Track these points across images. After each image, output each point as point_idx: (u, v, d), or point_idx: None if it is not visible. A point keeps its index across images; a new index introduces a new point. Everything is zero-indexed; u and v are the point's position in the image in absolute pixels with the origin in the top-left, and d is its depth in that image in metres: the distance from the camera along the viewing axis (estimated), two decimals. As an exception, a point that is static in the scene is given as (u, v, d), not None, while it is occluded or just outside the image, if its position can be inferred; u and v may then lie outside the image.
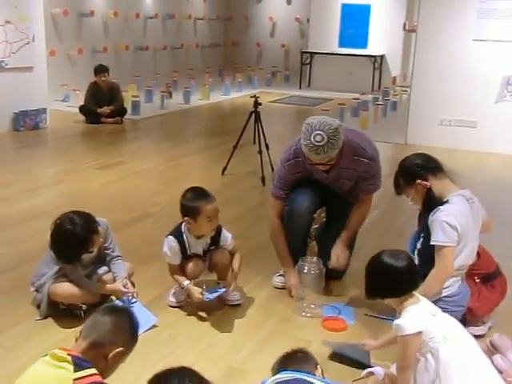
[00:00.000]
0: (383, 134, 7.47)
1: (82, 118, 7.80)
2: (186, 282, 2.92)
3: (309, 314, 3.00)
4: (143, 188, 5.08)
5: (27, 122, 7.10)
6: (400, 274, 2.11)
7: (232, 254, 3.06)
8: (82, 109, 7.79)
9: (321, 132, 2.82)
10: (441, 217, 2.57)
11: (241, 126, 5.48)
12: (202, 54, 14.29)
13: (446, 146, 6.79)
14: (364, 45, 12.04)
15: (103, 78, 7.70)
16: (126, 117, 7.98)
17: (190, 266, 3.00)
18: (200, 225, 2.91)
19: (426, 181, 2.69)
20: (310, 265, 3.02)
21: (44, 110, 7.30)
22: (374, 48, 11.96)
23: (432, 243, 2.58)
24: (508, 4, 6.58)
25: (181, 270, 3.01)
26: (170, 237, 3.00)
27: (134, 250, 3.65)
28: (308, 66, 12.51)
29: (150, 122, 8.21)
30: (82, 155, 6.24)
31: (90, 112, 7.70)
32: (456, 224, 2.55)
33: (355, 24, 11.99)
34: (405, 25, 11.78)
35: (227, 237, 3.05)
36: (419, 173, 2.71)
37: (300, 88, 12.21)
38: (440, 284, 2.60)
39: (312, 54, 12.37)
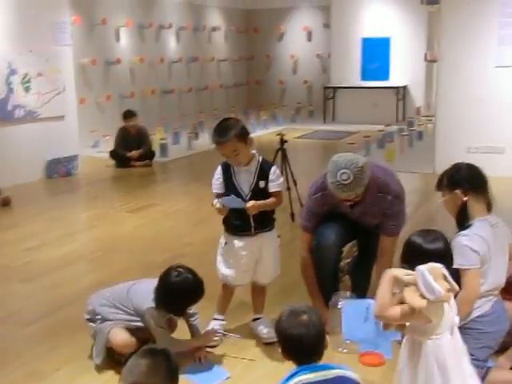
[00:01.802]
0: (410, 165, 7.47)
1: (112, 162, 7.99)
2: (215, 201, 2.94)
3: (345, 350, 2.98)
4: (175, 229, 5.16)
5: (60, 169, 7.30)
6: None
7: (272, 196, 2.98)
8: (111, 153, 7.98)
9: (347, 170, 2.84)
10: (462, 241, 2.57)
11: None
12: (226, 94, 14.55)
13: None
14: (386, 77, 12.13)
15: (131, 123, 7.91)
16: (154, 159, 8.14)
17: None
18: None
19: (466, 195, 2.68)
20: (344, 300, 3.02)
21: (75, 157, 7.51)
22: (396, 79, 12.03)
23: (455, 267, 2.56)
24: (527, 30, 6.61)
25: None
26: (219, 165, 3.02)
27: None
28: (331, 100, 12.62)
29: (178, 164, 8.36)
30: (113, 199, 6.37)
31: (119, 156, 7.89)
32: (477, 249, 2.56)
33: (376, 57, 12.11)
34: (426, 55, 11.85)
35: (278, 177, 2.99)
36: (464, 184, 2.70)
37: (324, 122, 12.31)
38: (468, 306, 2.57)
39: (335, 88, 12.50)
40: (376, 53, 12.08)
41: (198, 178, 7.28)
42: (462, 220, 2.68)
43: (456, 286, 2.02)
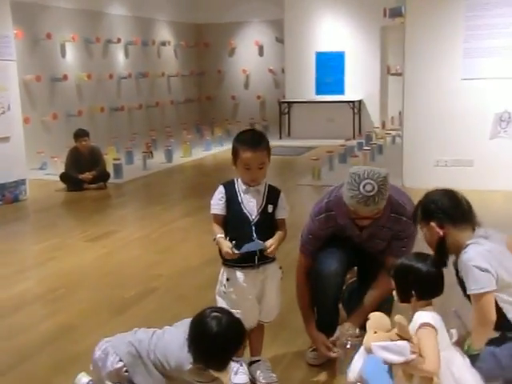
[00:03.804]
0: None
1: (62, 185, 7.45)
2: (219, 235, 2.66)
3: (355, 395, 2.65)
4: (141, 259, 4.72)
5: (6, 196, 6.70)
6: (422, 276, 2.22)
7: (279, 227, 2.74)
8: (62, 176, 7.44)
9: (371, 181, 2.55)
10: (468, 261, 2.30)
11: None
12: (177, 110, 14.14)
13: (444, 186, 6.59)
14: (341, 91, 12.02)
15: (84, 143, 7.40)
16: (108, 181, 7.65)
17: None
18: (239, 169, 2.69)
19: (441, 227, 2.38)
20: (354, 339, 2.69)
21: (23, 181, 6.93)
22: (351, 94, 11.94)
23: (468, 293, 2.31)
24: (491, 43, 6.54)
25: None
26: (221, 185, 2.77)
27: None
28: (287, 115, 12.42)
29: (134, 185, 7.89)
30: (68, 227, 5.87)
31: (71, 179, 7.35)
32: (487, 266, 2.28)
33: (331, 71, 11.99)
34: (388, 68, 11.84)
35: (286, 204, 2.76)
36: (437, 216, 2.39)
37: (280, 138, 12.07)
38: (485, 334, 2.31)
39: (290, 103, 12.30)
40: (331, 67, 11.97)
41: (158, 201, 6.85)
42: (441, 255, 2.38)
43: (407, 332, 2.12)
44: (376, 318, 2.32)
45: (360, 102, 11.97)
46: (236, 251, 2.59)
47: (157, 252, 4.89)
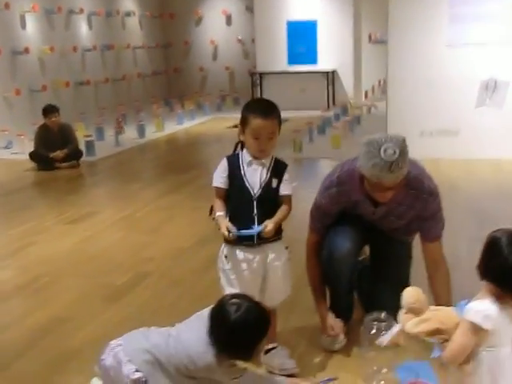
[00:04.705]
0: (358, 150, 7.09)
1: (31, 165, 7.05)
2: (218, 213, 2.51)
3: (382, 382, 2.49)
4: (128, 241, 4.44)
5: (-28, 177, 6.30)
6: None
7: (283, 199, 2.54)
8: (32, 155, 7.03)
9: (391, 144, 2.34)
10: None
11: (206, 158, 4.98)
12: (144, 83, 13.67)
13: (429, 157, 6.42)
14: (314, 61, 11.76)
15: (54, 119, 6.99)
16: (81, 159, 7.27)
17: None
18: (247, 139, 2.50)
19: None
20: (380, 323, 2.51)
21: (-11, 162, 6.53)
22: (324, 63, 11.70)
23: None
24: (477, 7, 6.38)
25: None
26: (225, 157, 2.58)
27: (150, 322, 3.02)
28: (258, 86, 12.12)
29: (108, 163, 7.54)
30: (44, 209, 5.52)
31: (41, 158, 6.95)
32: None
33: (303, 40, 11.71)
34: (370, 36, 11.64)
35: (291, 180, 2.59)
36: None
37: (253, 110, 11.77)
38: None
39: (261, 74, 12.00)
40: (302, 36, 11.68)
41: (136, 179, 6.55)
42: None
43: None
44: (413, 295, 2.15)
45: (333, 72, 11.75)
46: (232, 234, 2.42)
47: (143, 233, 4.62)
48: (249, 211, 2.48)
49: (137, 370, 2.05)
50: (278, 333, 2.70)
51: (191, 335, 2.09)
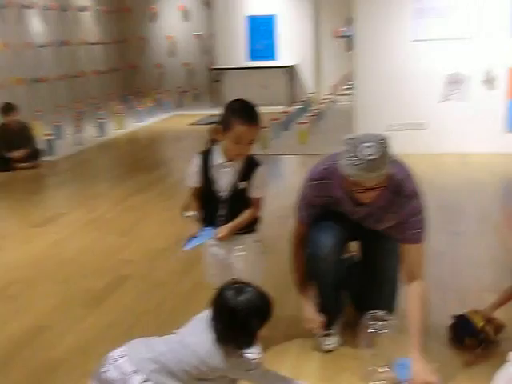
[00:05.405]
0: (327, 146, 7.08)
1: (-13, 166, 6.75)
2: (190, 214, 2.59)
3: (381, 382, 2.45)
4: (102, 243, 4.28)
5: None
6: None
7: (252, 205, 2.58)
8: (-11, 156, 6.74)
9: (371, 143, 2.27)
10: None
11: (172, 156, 4.88)
12: (100, 80, 13.33)
13: (397, 151, 6.52)
14: (274, 56, 11.72)
15: (13, 118, 6.71)
16: (41, 159, 7.01)
17: None
18: (227, 142, 2.48)
19: None
20: (379, 322, 2.48)
21: None
22: (285, 59, 11.67)
23: None
24: (440, 2, 6.46)
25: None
26: (197, 154, 2.61)
27: (136, 326, 2.91)
28: (218, 82, 12.01)
29: (70, 162, 7.29)
30: (8, 212, 5.28)
31: (0, 158, 6.67)
32: None
33: (263, 36, 11.65)
34: (335, 31, 11.65)
35: (263, 181, 2.58)
36: None
37: (214, 106, 11.65)
38: None
39: (221, 70, 11.88)
40: (262, 32, 11.62)
41: (101, 178, 6.36)
42: None
43: None
44: None
45: (294, 67, 11.74)
46: (184, 247, 2.52)
47: (117, 234, 4.47)
48: (216, 212, 2.55)
49: (146, 380, 1.95)
50: (271, 333, 2.62)
51: (196, 338, 2.02)
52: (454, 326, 2.73)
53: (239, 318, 1.96)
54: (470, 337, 2.62)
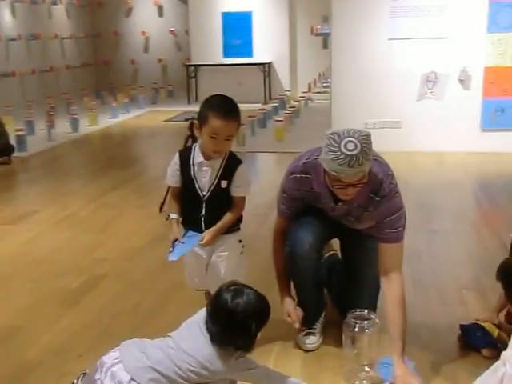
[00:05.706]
0: (304, 144, 7.07)
1: (-42, 162, 6.57)
2: (173, 216, 2.55)
3: (364, 381, 2.43)
4: (76, 242, 4.18)
5: None
6: None
7: (234, 205, 2.55)
8: (-42, 151, 6.55)
9: (352, 139, 2.22)
10: None
11: (146, 153, 4.81)
12: (73, 75, 13.11)
13: (373, 149, 6.55)
14: (249, 53, 11.67)
15: (-17, 113, 6.53)
16: (13, 155, 6.84)
17: None
18: (203, 137, 2.45)
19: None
20: (363, 321, 2.45)
21: None
22: (260, 56, 11.62)
23: None
24: (417, 1, 6.49)
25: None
26: (177, 153, 2.59)
27: (113, 326, 2.84)
28: (194, 79, 11.90)
29: (42, 158, 7.13)
30: (-23, 209, 5.13)
31: (-31, 154, 6.49)
32: None
33: (238, 32, 11.58)
34: (312, 29, 11.63)
35: (245, 179, 2.56)
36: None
37: (189, 103, 11.57)
38: None
39: (196, 66, 11.78)
40: (238, 28, 11.55)
41: (74, 175, 6.24)
42: None
43: None
44: None
45: (270, 64, 11.70)
46: (171, 258, 2.47)
47: (91, 232, 4.37)
48: (197, 212, 2.51)
49: None
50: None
51: (192, 343, 1.98)
52: (467, 335, 2.66)
53: (238, 321, 1.94)
54: (489, 347, 2.55)
